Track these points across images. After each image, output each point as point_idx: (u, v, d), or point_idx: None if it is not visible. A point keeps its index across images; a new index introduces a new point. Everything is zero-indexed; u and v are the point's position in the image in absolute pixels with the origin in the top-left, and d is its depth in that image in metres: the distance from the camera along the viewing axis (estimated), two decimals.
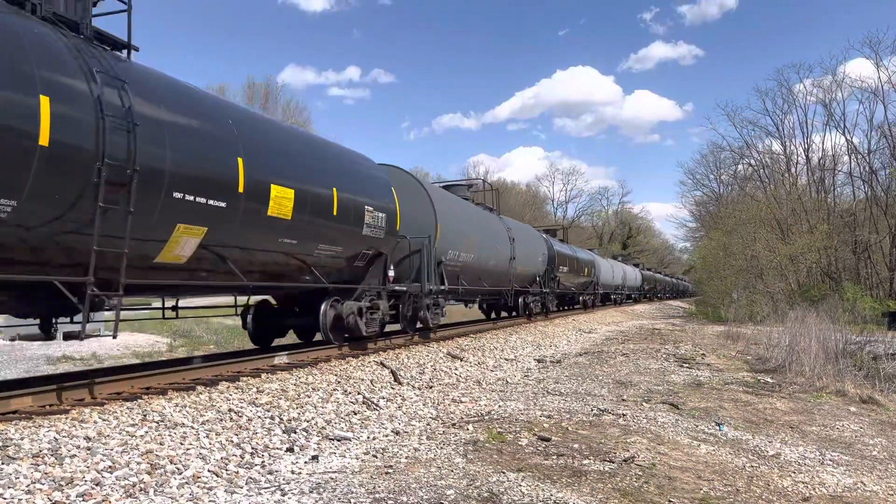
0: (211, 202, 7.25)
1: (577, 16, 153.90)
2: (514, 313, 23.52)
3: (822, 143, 39.90)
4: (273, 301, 11.54)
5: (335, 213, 9.79)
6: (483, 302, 23.12)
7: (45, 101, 5.38)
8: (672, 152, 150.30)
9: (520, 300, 22.16)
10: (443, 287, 14.36)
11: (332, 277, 10.45)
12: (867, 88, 34.79)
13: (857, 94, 36.10)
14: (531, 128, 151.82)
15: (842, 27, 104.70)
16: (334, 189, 9.83)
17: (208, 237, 7.29)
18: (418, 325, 13.79)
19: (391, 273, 12.43)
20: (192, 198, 6.95)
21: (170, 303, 9.44)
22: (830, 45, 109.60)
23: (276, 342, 11.76)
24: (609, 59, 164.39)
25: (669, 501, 4.97)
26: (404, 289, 13.07)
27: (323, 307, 10.27)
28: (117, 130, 6.04)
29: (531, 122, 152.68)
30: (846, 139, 36.06)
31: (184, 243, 7.04)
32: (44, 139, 5.34)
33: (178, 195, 6.80)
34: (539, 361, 13.95)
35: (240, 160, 7.70)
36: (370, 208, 10.94)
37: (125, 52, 7.09)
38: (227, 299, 10.35)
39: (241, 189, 7.64)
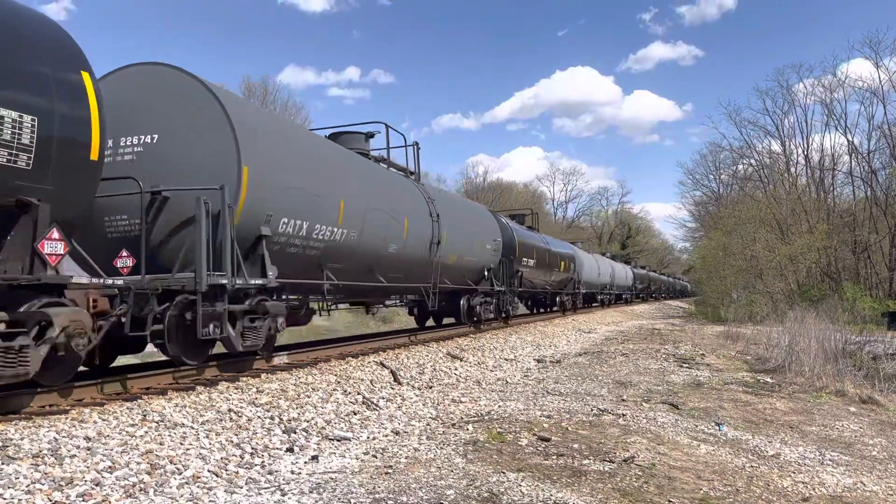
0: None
1: (576, 16, 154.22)
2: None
3: (822, 143, 39.84)
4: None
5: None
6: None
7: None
8: (671, 152, 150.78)
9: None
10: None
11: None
12: (867, 88, 34.82)
13: (857, 94, 36.13)
14: (530, 128, 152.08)
15: (841, 28, 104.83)
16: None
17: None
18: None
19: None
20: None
21: None
22: (830, 45, 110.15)
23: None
24: (608, 59, 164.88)
25: (669, 501, 4.97)
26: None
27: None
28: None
29: (530, 123, 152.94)
30: (846, 139, 36.10)
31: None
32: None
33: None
34: (539, 361, 13.95)
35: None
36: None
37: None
38: None
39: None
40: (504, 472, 5.37)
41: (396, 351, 11.90)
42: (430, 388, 9.73)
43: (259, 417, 6.50)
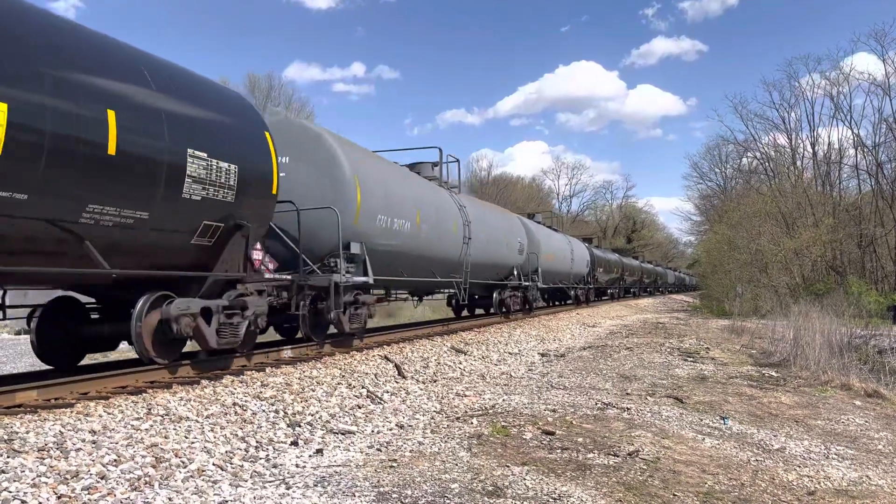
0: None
1: (578, 13, 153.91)
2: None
3: (829, 136, 39.67)
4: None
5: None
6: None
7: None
8: (675, 147, 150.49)
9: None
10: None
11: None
12: (874, 82, 34.61)
13: (864, 87, 35.93)
14: (534, 123, 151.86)
15: (846, 22, 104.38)
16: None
17: None
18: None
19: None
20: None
21: None
22: (835, 38, 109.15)
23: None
24: (611, 54, 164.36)
25: (674, 495, 4.96)
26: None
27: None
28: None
29: (534, 117, 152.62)
30: (853, 132, 35.91)
31: None
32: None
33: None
34: (543, 355, 13.95)
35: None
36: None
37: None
38: None
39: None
40: (508, 466, 5.37)
41: (401, 345, 11.90)
42: (435, 381, 9.73)
43: (263, 411, 6.51)
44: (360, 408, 7.48)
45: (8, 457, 4.34)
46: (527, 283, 21.38)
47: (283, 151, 9.94)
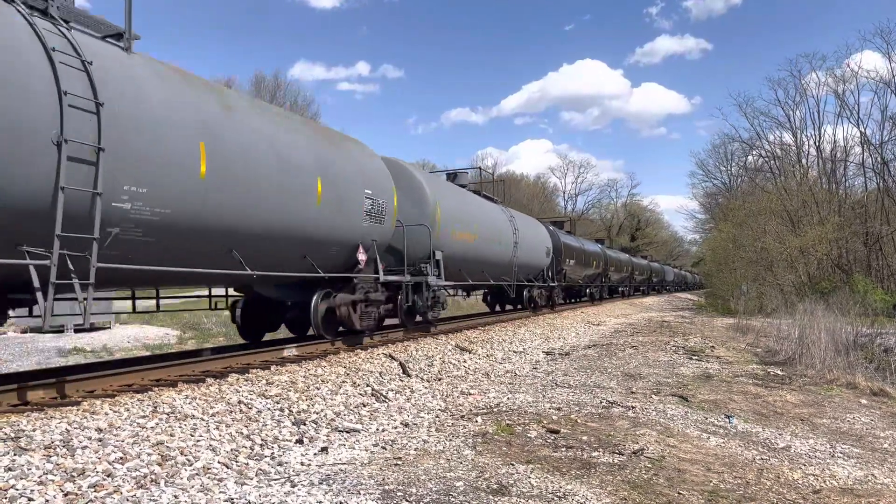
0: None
1: (582, 11, 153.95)
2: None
3: (834, 133, 39.58)
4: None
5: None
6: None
7: None
8: (679, 145, 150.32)
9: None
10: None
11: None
12: (880, 80, 34.46)
13: (871, 84, 35.78)
14: (538, 121, 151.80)
15: (851, 20, 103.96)
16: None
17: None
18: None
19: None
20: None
21: None
22: (840, 37, 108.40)
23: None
24: (615, 52, 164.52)
25: (679, 494, 4.96)
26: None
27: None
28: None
29: (538, 116, 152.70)
30: (859, 130, 35.75)
31: None
32: None
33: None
34: (548, 354, 13.94)
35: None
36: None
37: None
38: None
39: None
40: (513, 464, 5.37)
41: (405, 343, 11.91)
42: (439, 380, 9.74)
43: (269, 409, 6.52)
44: (365, 406, 7.49)
45: (15, 454, 4.36)
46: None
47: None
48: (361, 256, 10.51)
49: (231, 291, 11.34)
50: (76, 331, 18.29)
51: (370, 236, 10.77)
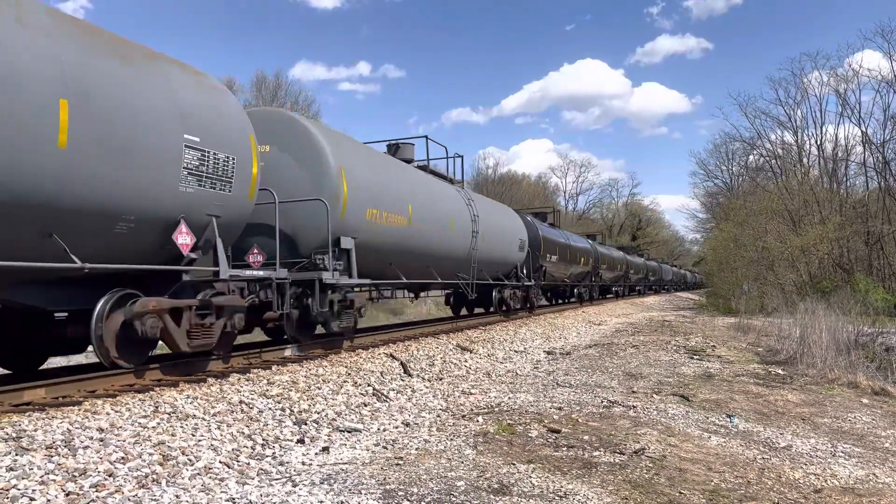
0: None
1: (582, 11, 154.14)
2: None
3: (836, 133, 39.55)
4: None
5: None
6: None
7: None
8: (680, 145, 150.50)
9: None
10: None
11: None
12: (882, 79, 34.43)
13: (872, 83, 35.77)
14: (539, 121, 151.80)
15: (852, 18, 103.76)
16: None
17: None
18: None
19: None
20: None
21: None
22: (841, 36, 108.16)
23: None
24: (616, 52, 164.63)
25: (680, 493, 4.96)
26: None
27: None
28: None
29: (539, 116, 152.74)
30: (860, 129, 35.72)
31: None
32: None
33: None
34: (549, 353, 13.94)
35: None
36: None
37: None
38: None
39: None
40: (514, 464, 5.38)
41: (406, 343, 11.92)
42: (440, 379, 9.74)
43: (270, 409, 6.53)
44: (366, 406, 7.50)
45: (16, 454, 4.37)
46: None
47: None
48: (183, 240, 7.14)
49: None
50: None
51: (204, 209, 7.40)
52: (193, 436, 5.40)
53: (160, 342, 7.25)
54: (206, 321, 7.66)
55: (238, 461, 5.12)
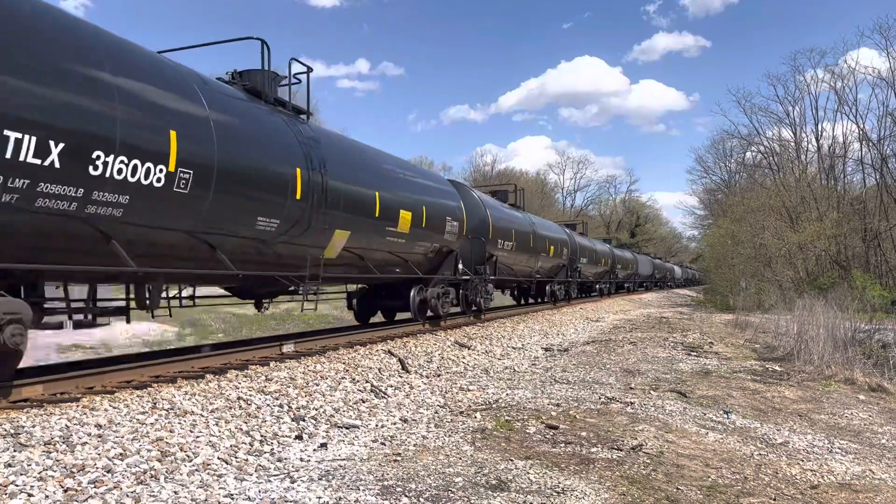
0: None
1: (580, 9, 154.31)
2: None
3: (833, 130, 39.62)
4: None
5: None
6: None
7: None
8: (678, 142, 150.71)
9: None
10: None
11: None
12: (879, 75, 34.45)
13: (869, 80, 35.81)
14: (537, 118, 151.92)
15: (849, 15, 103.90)
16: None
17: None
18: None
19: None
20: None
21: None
22: (838, 33, 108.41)
23: (271, 331, 12.82)
24: (614, 50, 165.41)
25: (677, 489, 4.97)
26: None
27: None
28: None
29: (537, 113, 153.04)
30: (858, 126, 35.75)
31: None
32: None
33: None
34: (546, 350, 13.96)
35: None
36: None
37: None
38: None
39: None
40: (512, 460, 5.39)
41: (404, 339, 11.92)
42: (438, 376, 9.75)
43: (268, 405, 6.53)
44: (364, 402, 7.50)
45: (14, 451, 4.37)
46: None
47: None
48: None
49: None
50: (75, 326, 18.32)
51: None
52: (192, 432, 5.40)
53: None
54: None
55: (236, 457, 5.12)
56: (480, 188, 21.53)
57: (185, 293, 9.05)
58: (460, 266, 15.04)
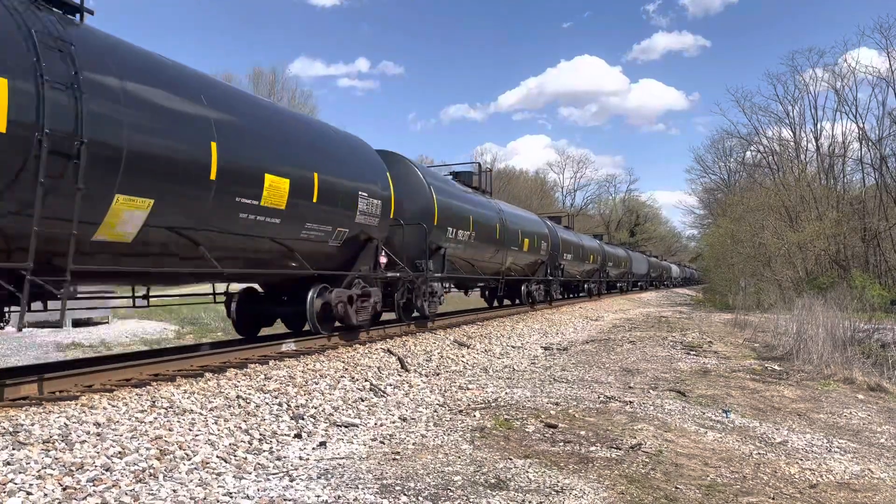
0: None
1: (580, 9, 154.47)
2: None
3: (833, 129, 39.63)
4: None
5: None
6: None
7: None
8: (678, 141, 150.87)
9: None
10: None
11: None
12: (879, 75, 34.45)
13: (869, 80, 35.82)
14: (537, 117, 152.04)
15: (849, 15, 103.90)
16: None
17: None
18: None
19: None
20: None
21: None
22: (839, 33, 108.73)
23: (264, 332, 10.95)
24: (614, 49, 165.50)
25: (676, 488, 4.98)
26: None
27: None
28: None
29: (536, 112, 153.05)
30: (857, 126, 35.75)
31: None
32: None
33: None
34: (546, 349, 13.96)
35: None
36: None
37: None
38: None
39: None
40: (511, 459, 5.39)
41: (404, 338, 11.92)
42: (438, 375, 9.75)
43: (267, 404, 6.53)
44: (363, 401, 7.50)
45: (13, 449, 4.36)
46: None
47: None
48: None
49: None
50: (74, 325, 18.31)
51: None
52: (190, 430, 5.40)
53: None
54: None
55: (235, 456, 5.12)
56: (435, 167, 19.98)
57: None
58: (383, 260, 11.75)
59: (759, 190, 38.61)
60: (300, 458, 5.23)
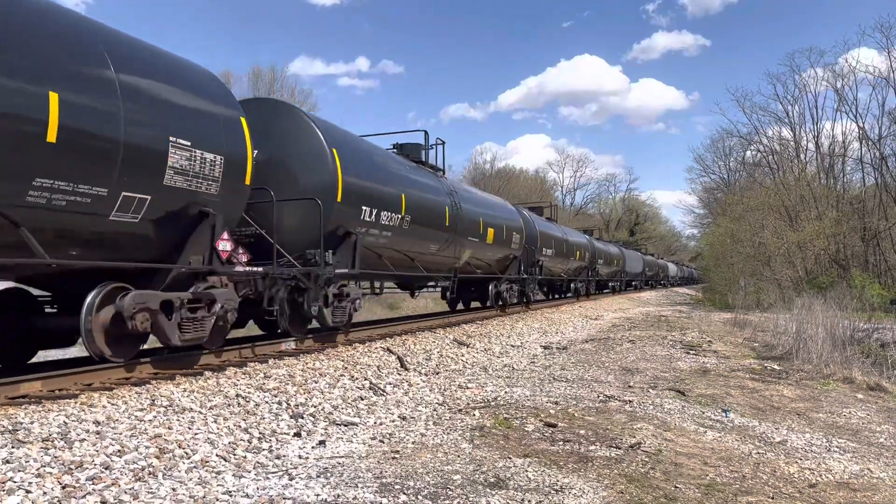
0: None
1: (580, 8, 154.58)
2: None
3: (833, 129, 39.60)
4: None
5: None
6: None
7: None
8: (678, 141, 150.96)
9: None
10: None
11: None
12: (879, 74, 34.44)
13: (869, 80, 35.78)
14: (536, 116, 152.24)
15: (849, 15, 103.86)
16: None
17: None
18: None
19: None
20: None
21: None
22: (839, 32, 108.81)
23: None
24: (613, 49, 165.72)
25: (676, 487, 4.98)
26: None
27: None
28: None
29: (536, 111, 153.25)
30: (857, 125, 35.74)
31: None
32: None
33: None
34: (545, 348, 13.96)
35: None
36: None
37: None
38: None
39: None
40: (510, 458, 5.39)
41: (403, 337, 11.92)
42: (437, 374, 9.75)
43: (267, 402, 6.53)
44: (362, 399, 7.50)
45: (13, 447, 4.36)
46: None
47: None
48: None
49: None
50: None
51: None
52: (190, 429, 5.40)
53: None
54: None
55: (235, 454, 5.12)
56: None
57: None
58: (228, 246, 9.15)
59: (758, 189, 38.61)
60: (299, 457, 5.23)
